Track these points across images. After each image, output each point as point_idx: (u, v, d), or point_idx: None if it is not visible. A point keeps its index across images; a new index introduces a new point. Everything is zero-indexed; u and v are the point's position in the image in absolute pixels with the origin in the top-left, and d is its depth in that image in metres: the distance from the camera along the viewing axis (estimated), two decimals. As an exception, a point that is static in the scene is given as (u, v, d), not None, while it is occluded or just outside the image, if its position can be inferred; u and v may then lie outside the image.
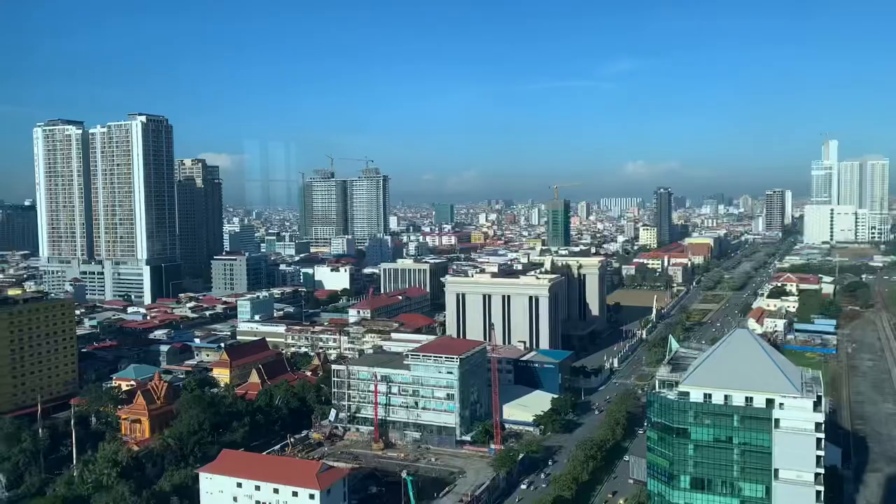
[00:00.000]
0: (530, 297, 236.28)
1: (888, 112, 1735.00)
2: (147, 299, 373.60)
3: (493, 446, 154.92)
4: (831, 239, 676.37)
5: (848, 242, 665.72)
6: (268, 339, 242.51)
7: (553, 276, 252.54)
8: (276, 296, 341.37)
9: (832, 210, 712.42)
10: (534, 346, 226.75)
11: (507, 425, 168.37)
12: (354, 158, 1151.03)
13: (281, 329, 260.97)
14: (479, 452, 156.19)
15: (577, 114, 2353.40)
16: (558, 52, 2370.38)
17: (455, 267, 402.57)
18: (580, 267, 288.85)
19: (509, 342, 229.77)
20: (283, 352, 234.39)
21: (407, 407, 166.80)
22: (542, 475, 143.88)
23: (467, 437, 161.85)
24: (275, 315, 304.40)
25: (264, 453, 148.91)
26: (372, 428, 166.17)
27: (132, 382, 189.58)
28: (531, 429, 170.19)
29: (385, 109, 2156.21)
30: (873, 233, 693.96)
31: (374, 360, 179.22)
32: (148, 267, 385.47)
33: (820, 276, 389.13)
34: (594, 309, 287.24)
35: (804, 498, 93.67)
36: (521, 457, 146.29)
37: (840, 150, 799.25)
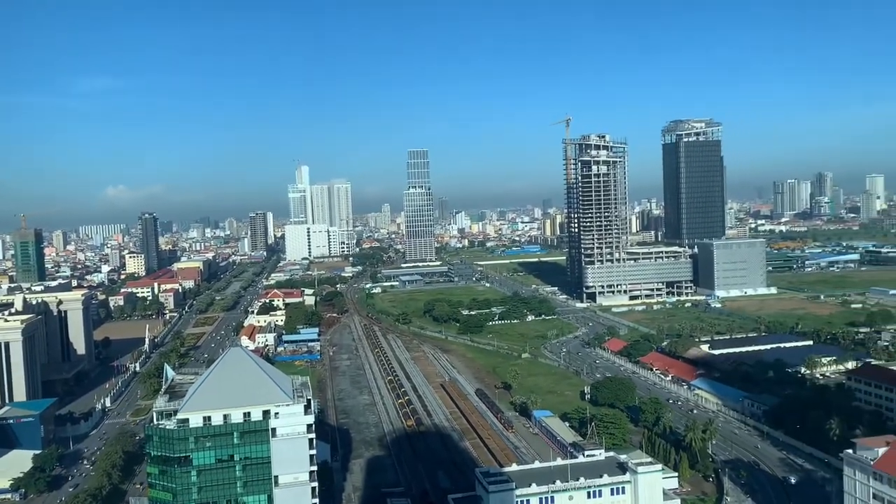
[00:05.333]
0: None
1: (349, 141, 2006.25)
2: None
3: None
4: (310, 255, 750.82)
5: (324, 257, 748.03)
6: None
7: (27, 316, 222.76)
8: None
9: (308, 229, 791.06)
10: (7, 400, 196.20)
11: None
12: None
13: None
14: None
15: (44, 133, 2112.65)
16: (12, 62, 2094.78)
17: None
18: (60, 303, 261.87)
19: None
20: None
21: None
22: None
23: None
24: None
25: None
26: None
27: None
28: (9, 496, 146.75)
29: None
30: (343, 247, 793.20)
31: None
32: None
33: (303, 289, 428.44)
34: (80, 347, 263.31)
35: (302, 497, 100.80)
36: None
37: (311, 175, 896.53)
